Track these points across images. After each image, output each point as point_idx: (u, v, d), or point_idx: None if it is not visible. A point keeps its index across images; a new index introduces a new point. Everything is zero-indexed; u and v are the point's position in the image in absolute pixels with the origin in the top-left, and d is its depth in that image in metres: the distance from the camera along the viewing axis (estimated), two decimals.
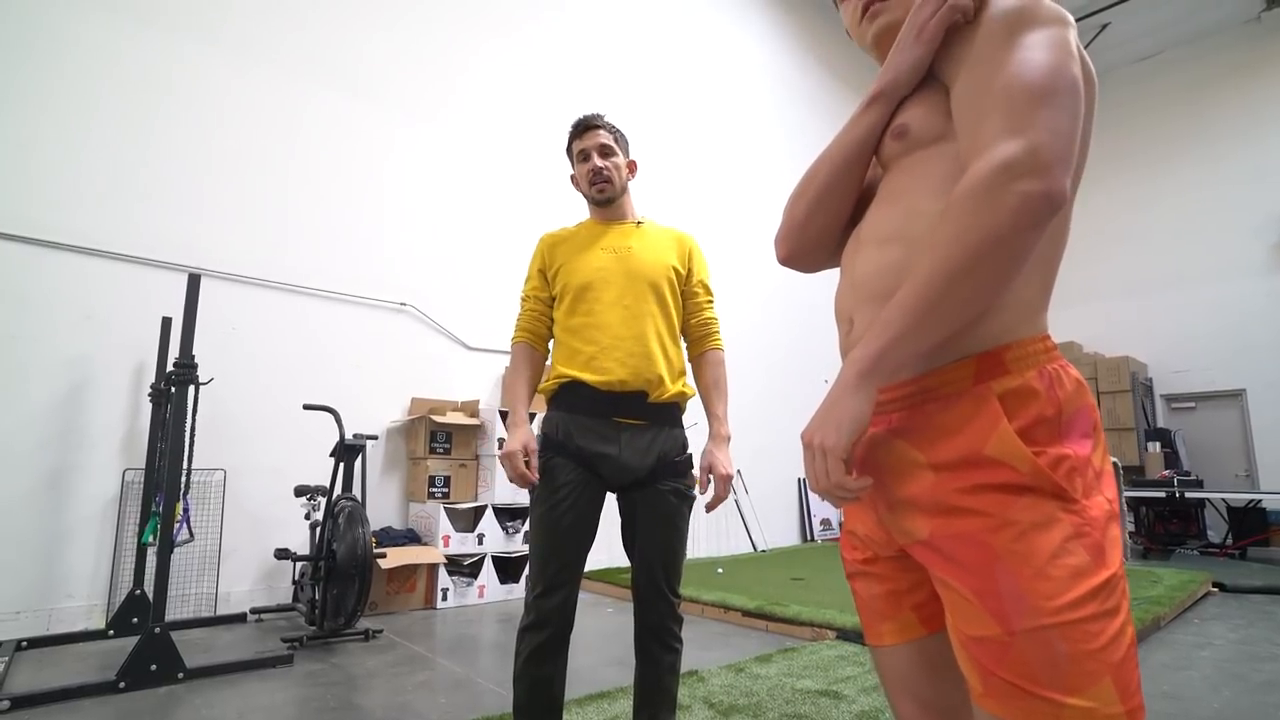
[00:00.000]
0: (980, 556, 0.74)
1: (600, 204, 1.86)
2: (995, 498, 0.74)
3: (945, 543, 0.77)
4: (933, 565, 0.80)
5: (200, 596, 3.82)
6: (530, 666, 1.58)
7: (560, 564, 1.61)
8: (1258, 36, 9.43)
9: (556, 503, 1.62)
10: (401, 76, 5.09)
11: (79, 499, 3.56)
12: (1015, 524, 0.72)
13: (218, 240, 4.13)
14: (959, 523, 0.76)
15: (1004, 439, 0.74)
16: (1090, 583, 0.69)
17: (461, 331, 5.16)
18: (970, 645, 0.74)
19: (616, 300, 1.70)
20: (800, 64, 9.06)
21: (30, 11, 3.64)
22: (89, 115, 3.77)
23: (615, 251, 1.77)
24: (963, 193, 0.72)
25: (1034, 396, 0.76)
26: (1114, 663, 0.68)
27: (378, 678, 2.88)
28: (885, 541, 0.88)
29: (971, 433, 0.76)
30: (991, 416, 0.75)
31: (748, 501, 7.19)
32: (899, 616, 0.89)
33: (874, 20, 0.98)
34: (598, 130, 1.83)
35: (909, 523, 0.81)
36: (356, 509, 3.53)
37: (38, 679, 2.77)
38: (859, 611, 0.96)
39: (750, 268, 7.80)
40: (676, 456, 1.71)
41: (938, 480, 0.78)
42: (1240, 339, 9.25)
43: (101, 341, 3.70)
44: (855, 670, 2.92)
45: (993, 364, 0.78)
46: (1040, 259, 0.80)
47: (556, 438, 1.68)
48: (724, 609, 4.08)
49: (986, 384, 0.77)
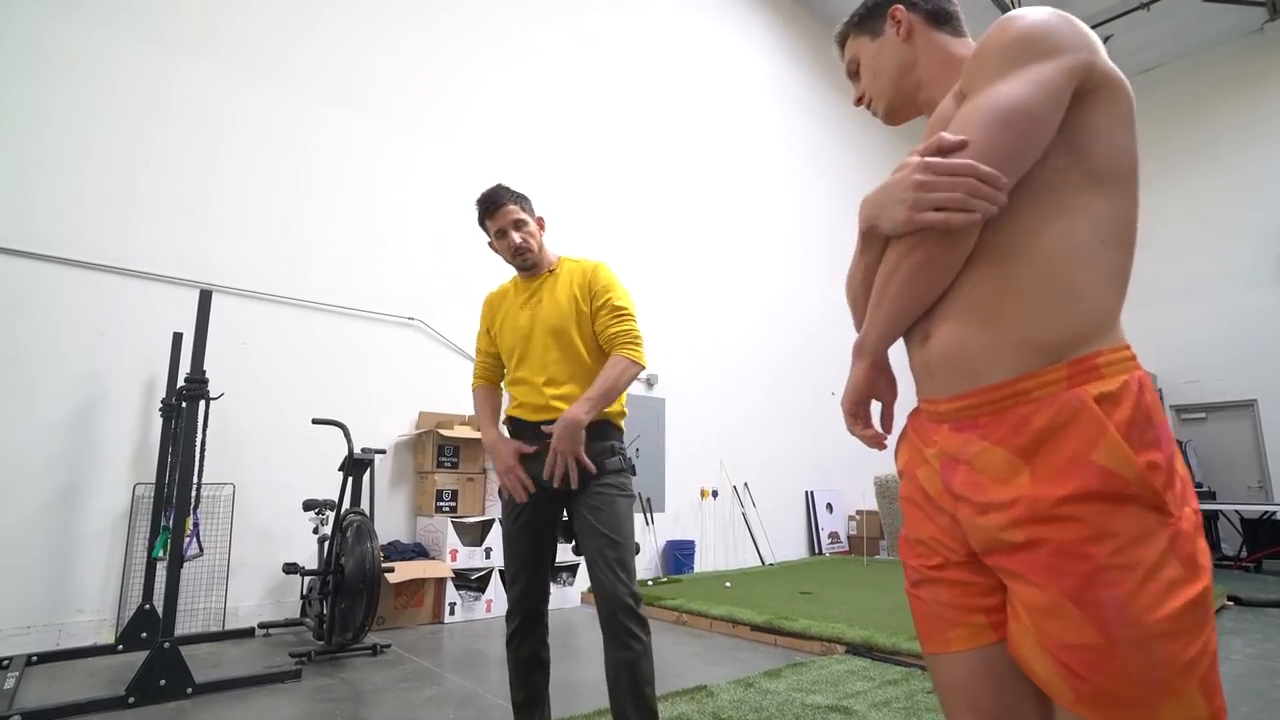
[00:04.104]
0: (1082, 567, 0.75)
1: (524, 269, 2.06)
2: (1098, 508, 0.76)
3: (1043, 551, 0.78)
4: (1026, 571, 0.80)
5: (209, 611, 3.82)
6: (510, 649, 1.93)
7: (519, 562, 1.92)
8: (1261, 48, 9.45)
9: (509, 512, 1.95)
10: (406, 91, 5.15)
11: (89, 514, 3.58)
12: (1117, 536, 0.75)
13: (227, 256, 4.18)
14: (1059, 531, 0.77)
15: (1112, 445, 0.76)
16: (1186, 595, 0.73)
17: (469, 345, 5.19)
18: (1063, 652, 0.76)
19: (528, 356, 1.99)
20: (804, 79, 9.13)
21: (38, 29, 3.72)
22: (99, 132, 3.83)
23: (531, 309, 2.01)
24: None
25: (1127, 402, 0.78)
26: (1203, 669, 0.73)
27: (386, 693, 2.87)
28: (957, 547, 0.90)
29: (1075, 437, 0.78)
30: (1096, 422, 0.77)
31: (755, 515, 7.16)
32: (969, 622, 0.90)
33: (877, 111, 1.16)
34: (505, 207, 2.00)
35: (1001, 529, 0.82)
36: (365, 523, 3.53)
37: (48, 694, 2.78)
38: (919, 620, 0.96)
39: (755, 280, 7.82)
40: (605, 459, 1.89)
41: (1036, 486, 0.79)
42: (1250, 349, 9.19)
43: (113, 357, 3.74)
44: (865, 685, 2.89)
45: (1086, 369, 0.80)
46: (1120, 269, 0.85)
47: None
48: (732, 623, 4.05)
49: (1081, 388, 0.79)
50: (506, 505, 1.96)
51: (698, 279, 7.10)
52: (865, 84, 1.15)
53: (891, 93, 1.11)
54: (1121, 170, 0.84)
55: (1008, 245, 0.85)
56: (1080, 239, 0.83)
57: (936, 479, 0.92)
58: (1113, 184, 0.84)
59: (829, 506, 8.15)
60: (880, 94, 1.13)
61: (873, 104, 1.15)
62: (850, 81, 1.20)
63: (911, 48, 1.08)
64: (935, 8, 1.09)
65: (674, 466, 6.48)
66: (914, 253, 0.87)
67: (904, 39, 1.09)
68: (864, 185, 8.71)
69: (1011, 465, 0.82)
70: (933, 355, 0.91)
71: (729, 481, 7.03)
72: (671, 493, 6.45)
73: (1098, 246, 0.83)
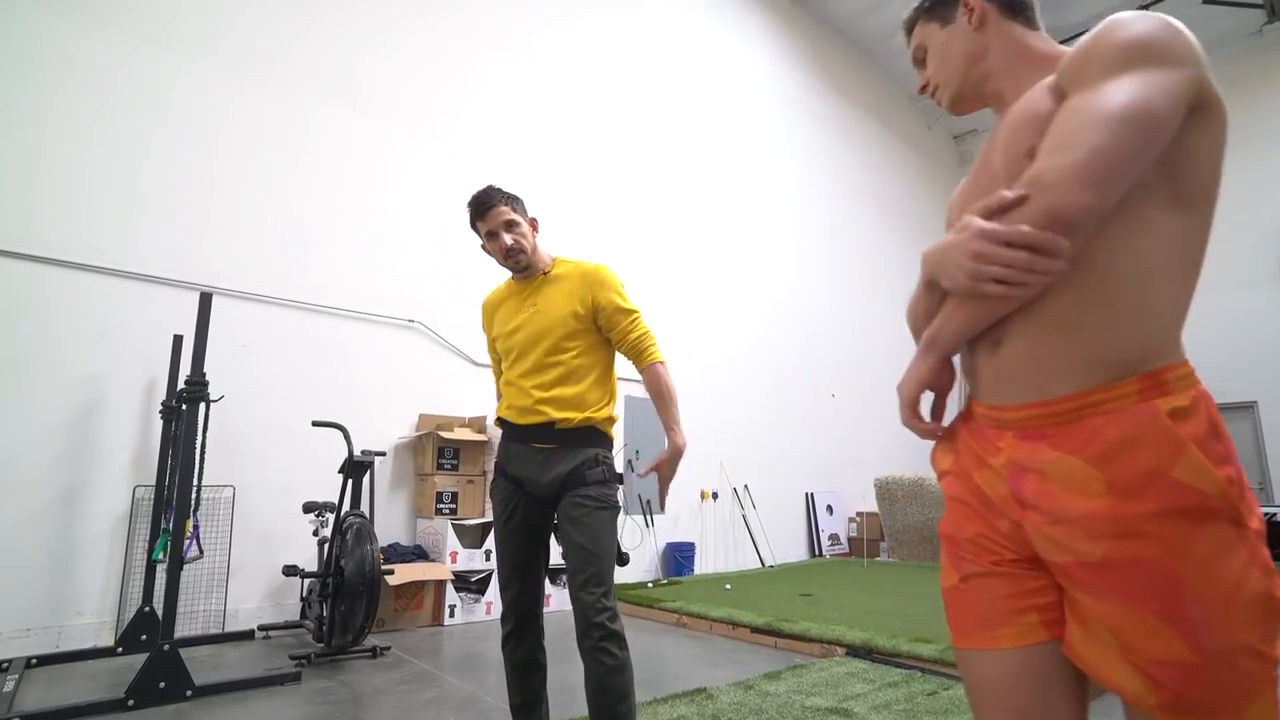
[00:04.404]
0: (1167, 584, 0.77)
1: (517, 271, 2.06)
2: (1182, 525, 0.77)
3: (1125, 567, 0.79)
4: (1107, 588, 0.81)
5: (208, 613, 3.82)
6: (505, 652, 1.93)
7: (510, 565, 1.93)
8: (1260, 50, 9.46)
9: (499, 515, 1.96)
10: (404, 92, 5.16)
11: (89, 516, 3.58)
12: (1200, 552, 0.76)
13: (227, 258, 4.18)
14: (1144, 549, 0.78)
15: (1193, 461, 0.77)
16: (1268, 604, 0.76)
17: (469, 347, 5.19)
18: (1152, 667, 0.78)
19: (521, 359, 1.99)
20: (803, 79, 9.13)
21: (37, 30, 3.72)
22: (98, 133, 3.83)
23: (526, 312, 2.01)
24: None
25: (1199, 416, 0.80)
26: (1277, 672, 0.78)
27: (385, 695, 2.87)
28: (1015, 548, 0.92)
29: (1152, 452, 0.79)
30: (1174, 437, 0.79)
31: (755, 516, 7.15)
32: (1021, 620, 0.90)
33: (941, 99, 1.15)
34: (496, 208, 1.98)
35: (1078, 541, 0.82)
36: (365, 525, 3.53)
37: (47, 697, 2.78)
38: (963, 614, 0.96)
39: (755, 282, 7.82)
40: (587, 469, 1.87)
41: (1116, 502, 0.80)
42: (1250, 351, 9.18)
43: (114, 360, 3.74)
44: (865, 687, 2.89)
45: (1156, 384, 0.82)
46: (1189, 289, 0.86)
47: (499, 462, 2.01)
48: (732, 625, 4.05)
49: (1152, 402, 0.81)
50: (497, 510, 1.97)
51: (697, 281, 7.11)
52: (932, 71, 1.13)
53: (959, 81, 1.09)
54: (1207, 194, 0.85)
55: (1088, 259, 0.84)
56: (1159, 259, 0.83)
57: (1002, 485, 0.91)
58: (1196, 207, 0.84)
59: (829, 508, 8.15)
60: (947, 82, 1.11)
61: (937, 92, 1.13)
62: (915, 69, 1.18)
63: (983, 36, 1.06)
64: (1009, 0, 1.06)
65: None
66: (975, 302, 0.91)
67: (976, 27, 1.06)
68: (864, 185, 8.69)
69: (1086, 474, 0.82)
70: (1003, 363, 0.91)
71: (729, 483, 7.03)
72: (672, 494, 6.38)
73: (1174, 267, 0.84)
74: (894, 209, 10.41)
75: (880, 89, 10.55)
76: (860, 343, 9.17)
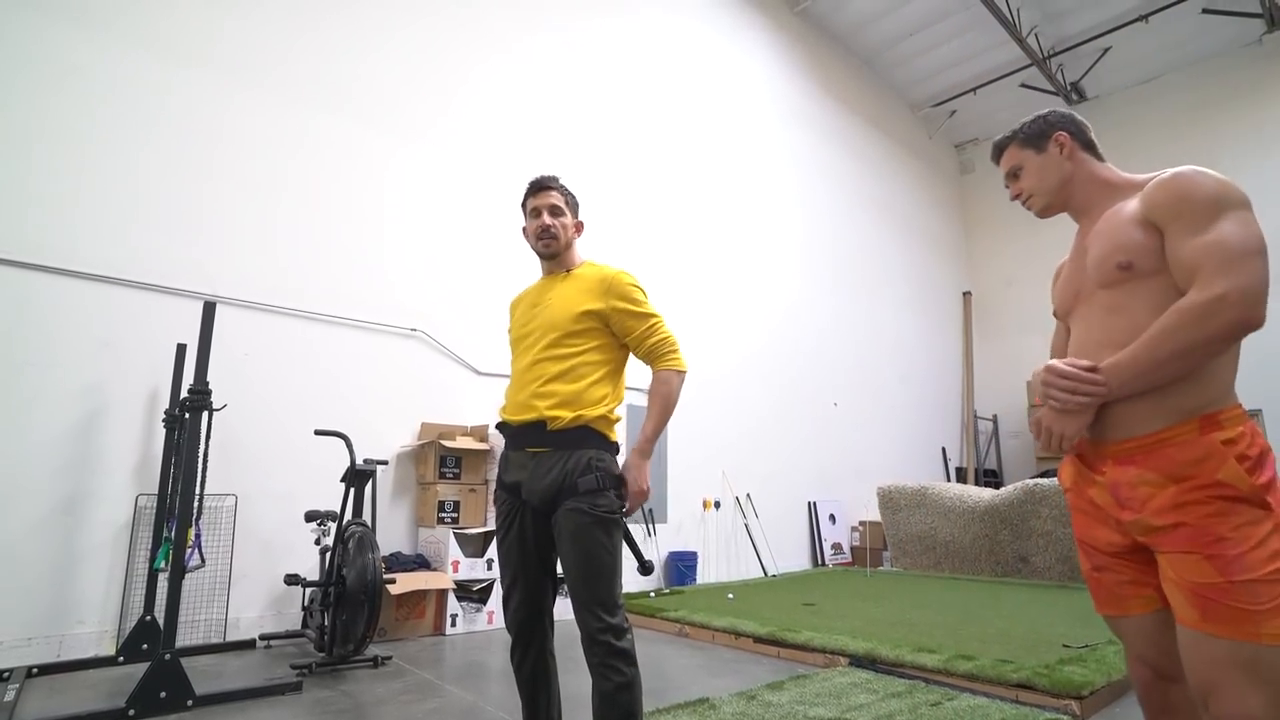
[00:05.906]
0: (1210, 536, 1.18)
1: (545, 257, 2.07)
2: (1221, 504, 1.19)
3: (1183, 527, 1.21)
4: (1172, 545, 1.22)
5: (210, 622, 3.81)
6: (513, 661, 1.93)
7: (512, 574, 1.91)
8: (1259, 59, 9.48)
9: (498, 526, 1.96)
10: (403, 100, 5.18)
11: (91, 525, 3.58)
12: (1234, 519, 1.17)
13: (230, 267, 4.20)
14: (1196, 511, 1.20)
15: (1231, 469, 1.19)
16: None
17: (471, 356, 5.20)
18: (1198, 589, 1.18)
19: (526, 351, 1.98)
20: (806, 90, 9.16)
21: (37, 38, 3.75)
22: (99, 142, 3.85)
23: (539, 306, 2.01)
24: (1186, 307, 1.20)
25: (1243, 444, 1.21)
26: None
27: (387, 705, 2.86)
28: (1124, 542, 1.34)
29: (1208, 467, 1.20)
30: (1221, 455, 1.20)
31: (758, 526, 7.13)
32: (1143, 595, 1.35)
33: (1033, 207, 1.55)
34: (551, 191, 2.05)
35: (1154, 519, 1.25)
36: (366, 534, 3.53)
37: (48, 706, 2.77)
38: (1100, 593, 1.43)
39: (757, 292, 7.83)
40: (579, 476, 1.80)
41: (1179, 490, 1.22)
42: (1254, 359, 9.04)
43: (116, 369, 3.75)
44: (868, 698, 2.87)
45: (1212, 423, 1.23)
46: (1237, 355, 1.27)
47: (498, 471, 2.00)
48: (735, 635, 4.03)
49: (1211, 435, 1.21)
50: (497, 520, 1.97)
51: (699, 290, 7.11)
52: (1028, 186, 1.53)
53: (1052, 197, 1.51)
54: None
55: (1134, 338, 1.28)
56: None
57: (1108, 496, 1.33)
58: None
59: (832, 517, 8.12)
60: (1042, 195, 1.52)
61: (1030, 200, 1.54)
62: (1006, 182, 1.59)
63: (1071, 164, 1.48)
64: (1086, 139, 1.50)
65: (676, 477, 6.47)
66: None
67: (1067, 157, 1.48)
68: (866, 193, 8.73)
69: (1162, 483, 1.24)
70: (1106, 414, 1.31)
71: (731, 492, 7.01)
72: (674, 504, 6.43)
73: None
74: (897, 217, 10.41)
75: (881, 98, 10.58)
76: (863, 351, 9.16)
